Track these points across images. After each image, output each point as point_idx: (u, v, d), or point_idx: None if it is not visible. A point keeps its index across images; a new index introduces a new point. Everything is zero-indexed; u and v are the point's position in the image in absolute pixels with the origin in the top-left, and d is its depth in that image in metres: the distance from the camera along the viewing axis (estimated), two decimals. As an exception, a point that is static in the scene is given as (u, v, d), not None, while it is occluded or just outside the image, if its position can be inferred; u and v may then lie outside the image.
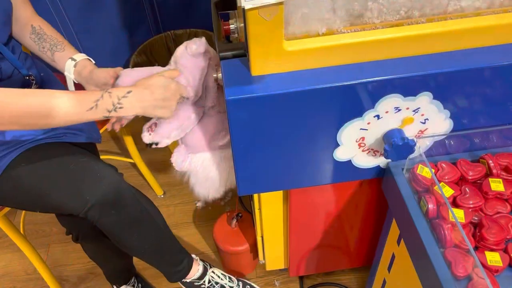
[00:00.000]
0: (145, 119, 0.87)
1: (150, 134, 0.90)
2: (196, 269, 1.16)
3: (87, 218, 0.93)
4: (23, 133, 0.96)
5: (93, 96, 0.78)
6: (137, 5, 1.73)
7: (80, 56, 0.96)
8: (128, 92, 0.80)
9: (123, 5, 1.70)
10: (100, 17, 1.70)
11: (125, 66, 0.88)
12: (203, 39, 0.87)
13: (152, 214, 1.04)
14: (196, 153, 0.97)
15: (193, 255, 1.19)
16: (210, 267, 1.20)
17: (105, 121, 1.33)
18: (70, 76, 0.95)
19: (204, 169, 0.98)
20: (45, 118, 0.76)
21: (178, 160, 0.97)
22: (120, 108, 0.79)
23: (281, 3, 0.60)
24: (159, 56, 1.78)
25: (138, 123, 0.86)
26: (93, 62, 0.97)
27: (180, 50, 0.88)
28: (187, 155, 0.97)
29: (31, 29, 0.99)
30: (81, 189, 0.91)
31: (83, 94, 0.78)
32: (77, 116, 0.78)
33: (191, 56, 0.86)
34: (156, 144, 0.91)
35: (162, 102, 0.82)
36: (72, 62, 0.95)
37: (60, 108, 0.76)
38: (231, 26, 0.85)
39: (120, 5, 1.70)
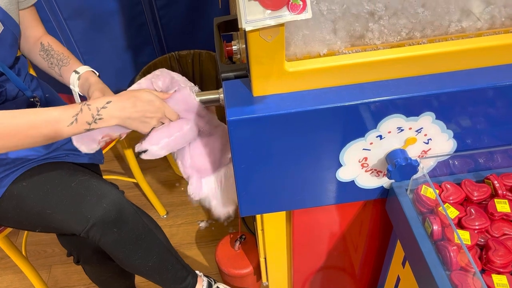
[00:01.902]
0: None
1: (141, 143, 0.88)
2: (201, 286, 1.15)
3: (89, 237, 0.93)
4: (27, 154, 0.96)
5: (72, 110, 0.77)
6: (142, 27, 1.75)
7: (84, 69, 0.96)
8: (108, 103, 0.78)
9: (128, 26, 1.73)
10: (105, 39, 1.72)
11: (130, 86, 0.88)
12: (164, 70, 0.87)
13: (154, 231, 1.04)
14: (210, 175, 0.95)
15: (197, 272, 1.18)
16: (215, 283, 1.19)
17: (109, 140, 1.34)
18: (75, 89, 0.96)
19: (223, 188, 0.96)
20: (28, 137, 0.76)
21: (196, 190, 0.94)
22: (100, 119, 0.78)
23: (282, 25, 0.60)
24: (163, 77, 1.79)
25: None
26: (97, 74, 0.97)
27: (145, 86, 0.87)
28: (200, 181, 0.95)
29: (40, 46, 1.00)
30: (82, 208, 0.91)
31: (64, 110, 0.78)
32: (58, 133, 0.77)
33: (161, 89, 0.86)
34: (145, 151, 0.87)
35: (142, 116, 0.80)
36: (76, 75, 0.95)
37: (42, 127, 0.76)
38: (233, 47, 0.86)
39: (125, 27, 1.72)
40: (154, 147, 0.86)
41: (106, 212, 0.91)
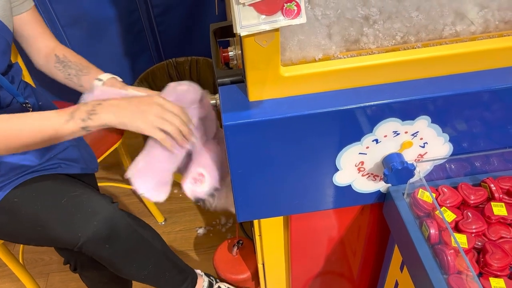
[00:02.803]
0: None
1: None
2: (201, 286, 1.14)
3: (82, 251, 0.92)
4: (21, 163, 0.96)
5: (70, 109, 0.79)
6: (139, 34, 1.76)
7: (107, 76, 0.96)
8: (104, 100, 0.79)
9: (125, 33, 1.73)
10: (102, 46, 1.73)
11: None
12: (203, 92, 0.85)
13: (149, 240, 1.03)
14: (225, 178, 0.92)
15: (198, 271, 1.17)
16: (216, 282, 1.18)
17: (105, 148, 1.34)
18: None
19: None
20: (28, 137, 0.77)
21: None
22: (94, 114, 0.77)
23: (276, 30, 0.60)
24: (161, 84, 1.80)
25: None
26: (120, 79, 0.97)
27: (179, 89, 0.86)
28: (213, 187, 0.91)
29: (55, 58, 1.00)
30: (73, 225, 0.90)
31: (63, 109, 0.79)
32: (57, 131, 0.77)
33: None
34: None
35: (136, 107, 0.79)
36: (99, 82, 0.95)
37: (41, 128, 0.77)
38: (230, 53, 0.86)
39: (122, 34, 1.73)
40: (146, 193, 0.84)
41: (97, 230, 0.90)
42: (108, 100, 0.80)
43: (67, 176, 1.02)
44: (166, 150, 0.82)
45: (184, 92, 0.84)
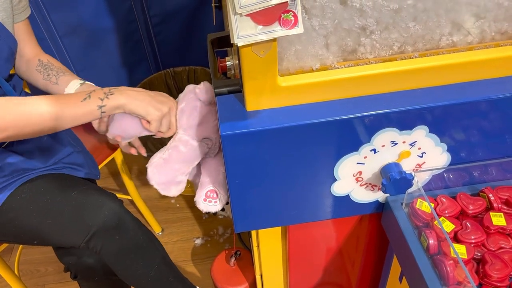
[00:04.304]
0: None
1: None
2: None
3: (89, 248, 0.92)
4: (25, 166, 0.96)
5: (86, 91, 0.80)
6: (137, 44, 1.77)
7: (88, 82, 0.98)
8: (119, 86, 0.82)
9: (123, 43, 1.74)
10: (100, 56, 1.73)
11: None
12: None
13: (154, 242, 1.04)
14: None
15: (197, 287, 1.17)
16: None
17: (105, 156, 1.33)
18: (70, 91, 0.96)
19: None
20: (45, 120, 0.77)
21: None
22: (112, 94, 0.79)
23: (274, 40, 0.60)
24: (159, 93, 1.80)
25: (137, 160, 0.85)
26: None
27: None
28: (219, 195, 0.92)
29: (38, 62, 1.01)
30: (84, 215, 0.91)
31: (76, 92, 0.81)
32: (73, 107, 0.78)
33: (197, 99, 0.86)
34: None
35: (152, 100, 0.81)
36: (77, 82, 0.96)
37: (55, 105, 0.77)
38: (227, 62, 0.86)
39: (120, 44, 1.73)
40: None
41: (107, 219, 0.92)
42: (126, 86, 0.82)
43: (73, 176, 1.03)
44: (186, 154, 0.86)
45: (201, 90, 0.85)
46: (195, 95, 0.84)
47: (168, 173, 0.86)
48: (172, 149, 0.85)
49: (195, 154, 0.86)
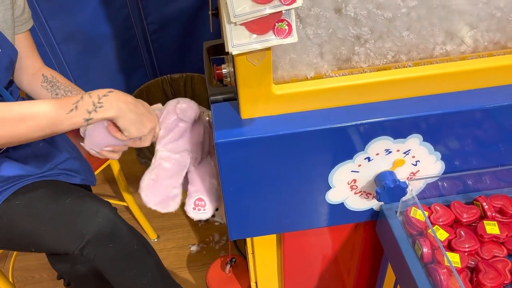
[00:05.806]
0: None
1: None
2: None
3: (83, 255, 0.92)
4: (19, 172, 0.96)
5: (73, 98, 0.74)
6: (134, 50, 1.77)
7: None
8: (110, 92, 0.76)
9: (121, 50, 1.74)
10: (97, 62, 1.74)
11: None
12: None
13: (148, 249, 1.04)
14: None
15: None
16: None
17: (100, 163, 1.33)
18: None
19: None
20: (28, 123, 0.72)
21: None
22: (101, 107, 0.74)
23: (268, 49, 0.61)
24: (156, 100, 1.80)
25: (133, 167, 0.85)
26: None
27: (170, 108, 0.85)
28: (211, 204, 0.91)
29: (43, 77, 1.01)
30: (77, 223, 0.91)
31: (63, 99, 0.75)
32: (58, 120, 0.73)
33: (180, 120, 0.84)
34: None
35: (139, 117, 0.77)
36: None
37: (40, 113, 0.72)
38: (223, 70, 0.87)
39: (117, 50, 1.74)
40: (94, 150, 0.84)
41: (101, 227, 0.92)
42: (116, 92, 0.77)
43: (68, 183, 1.03)
44: (171, 169, 0.85)
45: (183, 110, 0.84)
46: (177, 116, 0.83)
47: (161, 192, 0.86)
48: (157, 168, 0.85)
49: (180, 167, 0.86)
